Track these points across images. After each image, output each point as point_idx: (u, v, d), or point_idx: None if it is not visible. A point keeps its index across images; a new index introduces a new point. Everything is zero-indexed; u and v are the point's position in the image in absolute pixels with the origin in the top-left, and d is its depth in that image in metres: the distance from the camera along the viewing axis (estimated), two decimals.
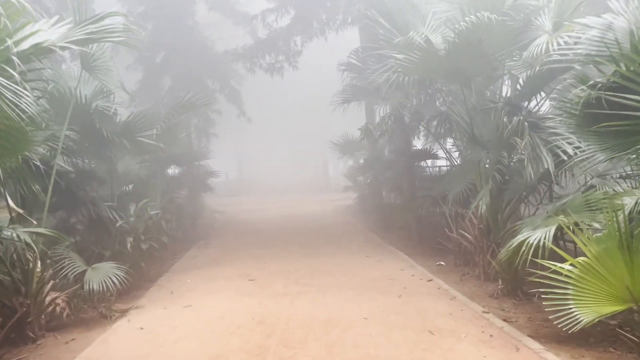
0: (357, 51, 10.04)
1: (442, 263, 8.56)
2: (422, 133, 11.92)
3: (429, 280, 7.32)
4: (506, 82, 7.83)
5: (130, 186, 9.48)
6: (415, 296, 6.40)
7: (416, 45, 6.44)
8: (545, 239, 4.86)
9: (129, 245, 7.22)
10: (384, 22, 7.28)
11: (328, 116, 32.12)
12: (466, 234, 7.66)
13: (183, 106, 7.94)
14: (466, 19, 6.08)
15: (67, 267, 5.83)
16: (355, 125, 19.82)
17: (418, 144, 12.58)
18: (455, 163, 10.16)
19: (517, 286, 6.17)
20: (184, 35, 14.38)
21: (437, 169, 13.04)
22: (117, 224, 7.20)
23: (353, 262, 8.82)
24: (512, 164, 6.90)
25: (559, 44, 5.57)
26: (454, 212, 8.39)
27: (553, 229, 4.94)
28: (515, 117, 6.01)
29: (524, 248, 5.00)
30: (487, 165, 7.03)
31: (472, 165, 7.33)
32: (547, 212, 5.86)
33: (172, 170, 15.36)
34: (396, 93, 9.32)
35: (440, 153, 10.73)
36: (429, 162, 12.73)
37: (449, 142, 10.64)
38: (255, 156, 44.14)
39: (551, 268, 4.25)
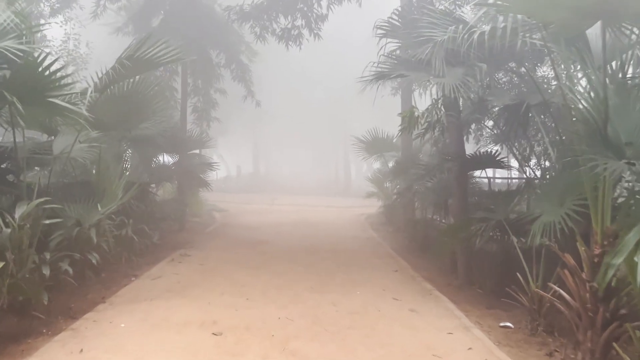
0: (402, 8, 7.15)
1: (509, 325, 5.66)
2: (479, 131, 9.06)
3: None
4: None
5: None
6: None
7: None
8: None
9: None
10: None
11: (355, 108, 29.50)
12: (563, 292, 4.77)
13: (138, 61, 5.22)
14: None
15: None
16: (384, 121, 16.95)
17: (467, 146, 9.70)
18: (529, 175, 7.25)
19: None
20: None
21: (491, 181, 10.12)
22: None
23: (375, 310, 5.97)
24: None
25: None
26: (537, 249, 5.51)
27: None
28: None
29: None
30: (629, 184, 4.12)
31: (588, 182, 4.40)
32: None
33: (165, 159, 12.83)
34: (456, 70, 6.46)
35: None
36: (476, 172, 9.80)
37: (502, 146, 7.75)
38: (271, 152, 41.55)
39: None
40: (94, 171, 7.46)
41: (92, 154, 6.67)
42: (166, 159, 12.92)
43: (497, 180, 10.82)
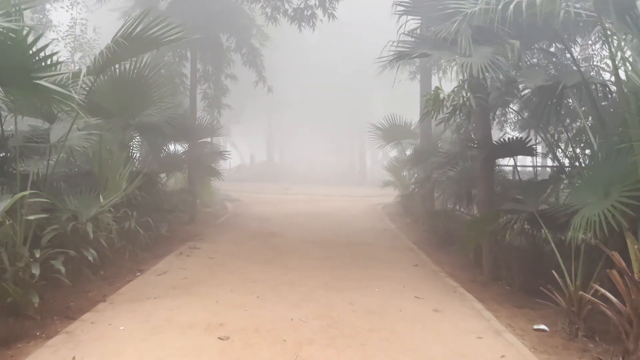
0: None
1: (544, 328, 5.15)
2: (503, 116, 8.47)
3: None
4: None
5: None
6: None
7: None
8: None
9: None
10: None
11: (371, 95, 28.77)
12: (609, 294, 4.24)
13: (136, 40, 4.73)
14: None
15: None
16: (401, 108, 16.33)
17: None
18: (558, 164, 6.68)
19: None
20: None
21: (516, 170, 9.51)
22: None
23: (396, 310, 5.50)
24: None
25: None
26: (575, 245, 4.96)
27: None
28: None
29: None
30: None
31: None
32: None
33: (176, 148, 12.44)
34: (483, 48, 5.89)
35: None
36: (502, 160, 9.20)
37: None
38: (286, 140, 41.08)
39: None
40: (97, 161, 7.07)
41: (92, 142, 6.24)
42: (178, 148, 12.53)
43: (518, 169, 10.20)
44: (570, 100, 7.03)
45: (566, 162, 7.27)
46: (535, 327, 5.18)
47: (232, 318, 4.97)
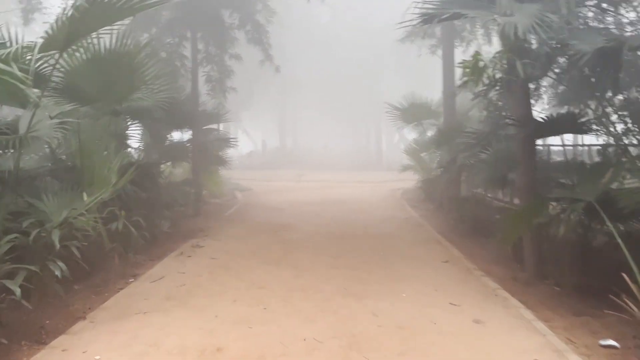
0: None
1: (613, 343, 4.20)
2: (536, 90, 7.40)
3: None
4: None
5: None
6: None
7: None
8: None
9: None
10: None
11: (387, 73, 27.53)
12: None
13: (103, 5, 3.80)
14: None
15: None
16: (420, 87, 15.22)
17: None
18: (616, 142, 5.64)
19: None
20: None
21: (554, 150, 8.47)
22: None
23: (429, 322, 4.59)
24: None
25: None
26: None
27: None
28: None
29: None
30: None
31: None
32: None
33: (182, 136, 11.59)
34: (528, 5, 4.87)
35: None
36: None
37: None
38: (298, 125, 40.10)
39: None
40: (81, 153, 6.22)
41: (70, 131, 5.39)
42: (186, 137, 11.67)
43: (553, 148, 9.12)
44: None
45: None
46: (602, 342, 4.23)
47: (233, 339, 4.12)
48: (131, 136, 10.53)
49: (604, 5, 5.90)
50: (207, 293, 5.38)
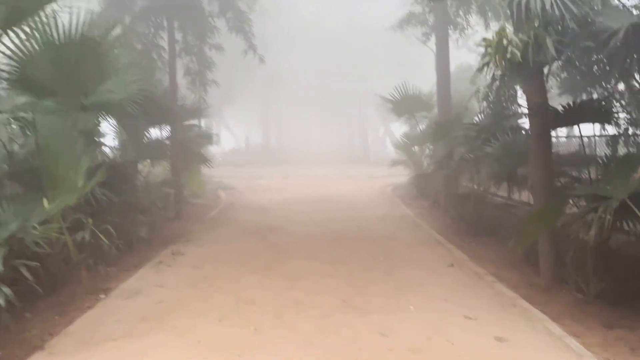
0: None
1: None
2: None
3: None
4: None
5: None
6: None
7: None
8: None
9: None
10: None
11: (374, 65, 26.93)
12: None
13: None
14: None
15: None
16: (409, 79, 14.63)
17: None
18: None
19: None
20: None
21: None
22: None
23: (445, 341, 3.98)
24: None
25: None
26: None
27: None
28: None
29: None
30: None
31: None
32: None
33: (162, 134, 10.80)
34: None
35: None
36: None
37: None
38: (282, 120, 39.31)
39: None
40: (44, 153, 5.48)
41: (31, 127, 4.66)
42: (163, 133, 10.89)
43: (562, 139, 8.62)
44: None
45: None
46: None
47: None
48: (105, 134, 9.80)
49: None
50: (189, 311, 4.70)
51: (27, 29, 4.27)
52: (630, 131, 5.46)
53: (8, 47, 4.34)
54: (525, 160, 6.53)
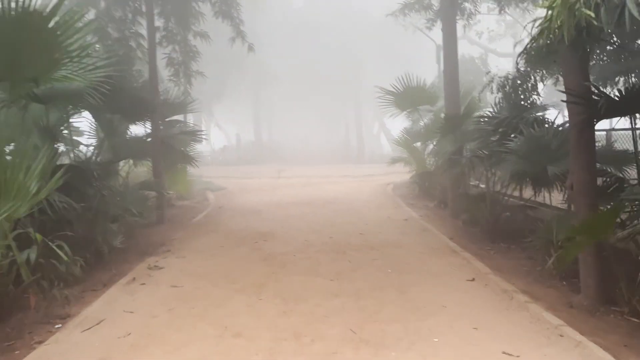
0: None
1: None
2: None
3: None
4: None
5: None
6: None
7: None
8: None
9: None
10: None
11: (369, 58, 26.07)
12: None
13: None
14: None
15: None
16: (400, 71, 13.75)
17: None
18: None
19: None
20: None
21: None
22: None
23: None
24: None
25: None
26: None
27: None
28: None
29: None
30: None
31: None
32: None
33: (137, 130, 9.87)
34: None
35: None
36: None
37: None
38: (275, 117, 38.27)
39: None
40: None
41: None
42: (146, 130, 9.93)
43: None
44: None
45: None
46: None
47: None
48: (83, 132, 8.86)
49: None
50: (160, 348, 3.78)
51: None
52: None
53: None
54: (556, 157, 5.69)
